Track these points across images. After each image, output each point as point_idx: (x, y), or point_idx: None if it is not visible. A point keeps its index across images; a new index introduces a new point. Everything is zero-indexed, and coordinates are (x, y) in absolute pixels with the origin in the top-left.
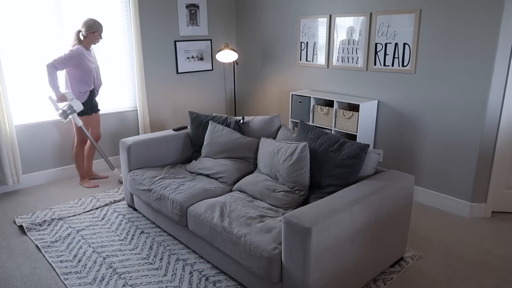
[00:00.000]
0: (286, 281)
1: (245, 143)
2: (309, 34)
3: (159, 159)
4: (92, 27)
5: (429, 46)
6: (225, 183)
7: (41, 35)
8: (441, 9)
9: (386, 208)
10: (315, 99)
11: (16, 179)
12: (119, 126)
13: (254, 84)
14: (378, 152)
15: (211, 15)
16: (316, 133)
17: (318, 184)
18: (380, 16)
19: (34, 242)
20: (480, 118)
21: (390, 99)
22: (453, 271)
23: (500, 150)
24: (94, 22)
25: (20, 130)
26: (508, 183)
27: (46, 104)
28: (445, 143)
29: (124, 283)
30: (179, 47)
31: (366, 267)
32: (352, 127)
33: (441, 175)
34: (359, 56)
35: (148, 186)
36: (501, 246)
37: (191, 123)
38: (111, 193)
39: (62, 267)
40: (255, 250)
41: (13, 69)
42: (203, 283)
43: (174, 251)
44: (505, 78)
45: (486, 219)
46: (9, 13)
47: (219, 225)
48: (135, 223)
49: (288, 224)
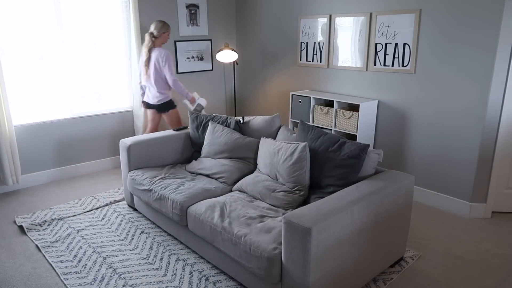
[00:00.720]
0: (286, 281)
1: (245, 143)
2: (309, 34)
3: (159, 159)
4: (162, 28)
5: (429, 46)
6: (225, 183)
7: (41, 35)
8: (441, 9)
9: (386, 208)
10: (315, 99)
11: (16, 179)
12: (119, 126)
13: (254, 84)
14: (378, 152)
15: (211, 15)
16: (316, 133)
17: (318, 184)
18: (380, 16)
19: (34, 242)
20: (480, 118)
21: (390, 99)
22: (453, 271)
23: (500, 150)
24: (164, 23)
25: (19, 130)
26: (508, 183)
27: (46, 104)
28: (445, 143)
29: (124, 283)
30: (179, 47)
31: (366, 267)
32: (352, 127)
33: (441, 175)
34: (359, 56)
35: (148, 186)
36: (501, 246)
37: (191, 123)
38: (111, 193)
39: (62, 267)
40: (255, 250)
41: (13, 69)
42: (203, 283)
43: (174, 251)
44: (505, 78)
45: (486, 219)
46: (9, 13)
47: (219, 225)
48: (135, 223)
49: (288, 224)
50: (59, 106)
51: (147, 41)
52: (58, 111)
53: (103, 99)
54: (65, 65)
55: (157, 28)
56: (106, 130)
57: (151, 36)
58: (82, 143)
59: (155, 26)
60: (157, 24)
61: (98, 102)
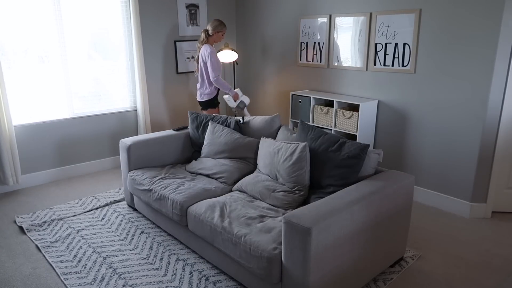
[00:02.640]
0: (286, 281)
1: (245, 143)
2: (309, 34)
3: (159, 159)
4: (218, 27)
5: (429, 46)
6: (225, 183)
7: (41, 35)
8: (441, 9)
9: (386, 208)
10: (315, 99)
11: (16, 179)
12: (119, 126)
13: (254, 84)
14: (378, 152)
15: (211, 15)
16: (316, 133)
17: (318, 184)
18: (380, 16)
19: (34, 242)
20: (480, 118)
21: (390, 99)
22: (453, 271)
23: (500, 150)
24: (220, 22)
25: (19, 130)
26: (508, 183)
27: (46, 104)
28: (445, 143)
29: (124, 283)
30: (179, 47)
31: (366, 267)
32: (352, 127)
33: (441, 175)
34: (359, 56)
35: (148, 186)
36: (501, 246)
37: (191, 123)
38: (111, 193)
39: (62, 267)
40: (255, 250)
41: (13, 69)
42: (203, 283)
43: (174, 251)
44: (505, 78)
45: (486, 219)
46: (9, 13)
47: (219, 225)
48: (135, 223)
49: (288, 224)
50: (59, 106)
51: (201, 38)
52: (58, 111)
53: (103, 99)
54: (65, 65)
55: (212, 26)
56: (106, 130)
57: (205, 34)
58: (82, 143)
59: (211, 24)
60: (214, 22)
61: (98, 102)
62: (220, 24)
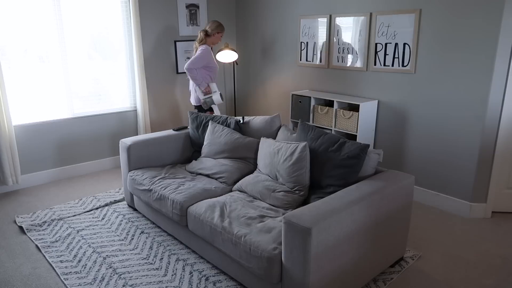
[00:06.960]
0: (286, 281)
1: (245, 143)
2: (309, 34)
3: (159, 159)
4: (217, 28)
5: (429, 46)
6: (225, 183)
7: (41, 35)
8: (441, 9)
9: (386, 208)
10: (315, 99)
11: (15, 179)
12: (119, 126)
13: (254, 84)
14: (378, 152)
15: (211, 15)
16: (316, 133)
17: (318, 184)
18: (380, 16)
19: (34, 242)
20: (480, 118)
21: (390, 99)
22: (453, 271)
23: (500, 150)
24: (220, 24)
25: (19, 130)
26: (508, 183)
27: (46, 104)
28: (445, 143)
29: (124, 283)
30: (179, 47)
31: (366, 267)
32: (352, 127)
33: (441, 175)
34: (359, 56)
35: (148, 186)
36: (501, 246)
37: (191, 123)
38: (111, 193)
39: (62, 267)
40: (255, 250)
41: (13, 69)
42: (203, 283)
43: (174, 251)
44: (505, 78)
45: (486, 219)
46: (9, 13)
47: (219, 225)
48: (135, 223)
49: (288, 224)
50: (59, 106)
51: (199, 38)
52: (58, 111)
53: (103, 99)
54: (65, 65)
55: (211, 26)
56: (106, 130)
57: (204, 33)
58: (82, 143)
59: (210, 24)
60: (213, 23)
61: (98, 102)
62: (220, 25)
